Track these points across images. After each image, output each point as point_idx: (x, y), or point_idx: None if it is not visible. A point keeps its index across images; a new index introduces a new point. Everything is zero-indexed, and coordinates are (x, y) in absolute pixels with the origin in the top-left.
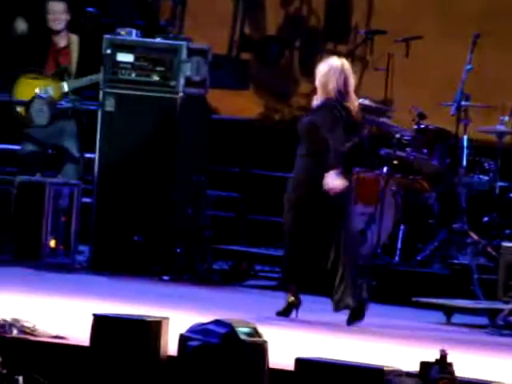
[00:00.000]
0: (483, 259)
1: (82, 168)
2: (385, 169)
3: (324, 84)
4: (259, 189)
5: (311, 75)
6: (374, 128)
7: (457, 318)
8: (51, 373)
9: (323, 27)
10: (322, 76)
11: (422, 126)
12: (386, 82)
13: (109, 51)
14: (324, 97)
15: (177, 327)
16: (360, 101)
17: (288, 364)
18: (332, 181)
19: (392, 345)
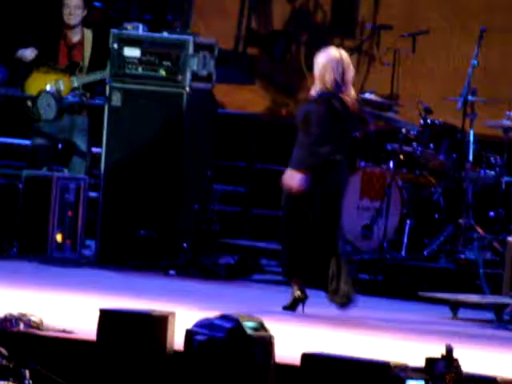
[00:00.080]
0: (489, 254)
1: (89, 163)
2: (391, 164)
3: (321, 75)
4: (265, 183)
5: None
6: (381, 123)
7: (463, 313)
8: (58, 367)
9: (330, 22)
10: (320, 66)
11: (429, 121)
12: (393, 77)
13: (115, 46)
14: (321, 88)
15: (183, 322)
16: (366, 95)
17: (294, 359)
18: (291, 179)
19: (398, 339)
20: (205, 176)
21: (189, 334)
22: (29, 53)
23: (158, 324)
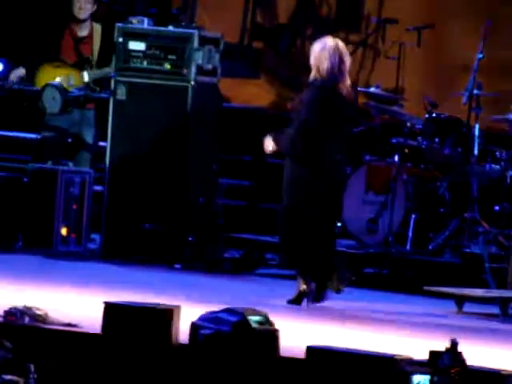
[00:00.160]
0: (494, 248)
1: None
2: (396, 157)
3: (317, 63)
4: (271, 177)
5: None
6: (386, 117)
7: (468, 307)
8: (62, 360)
9: (335, 15)
10: (316, 55)
11: (434, 115)
12: (398, 71)
13: (120, 39)
14: (315, 76)
15: (188, 315)
16: (371, 89)
17: (299, 352)
18: (266, 143)
19: (403, 333)
20: (210, 170)
21: (194, 328)
22: (15, 74)
23: (163, 317)
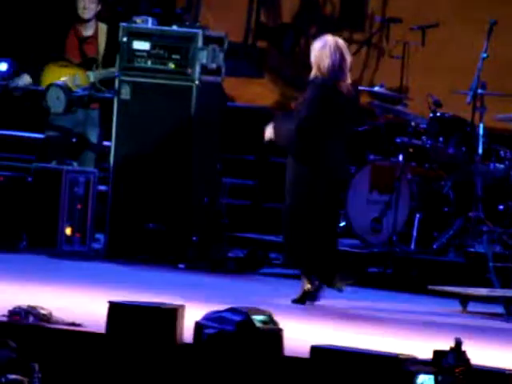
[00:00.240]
0: (499, 247)
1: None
2: (400, 157)
3: (317, 61)
4: (274, 177)
5: None
6: (390, 116)
7: (472, 306)
8: (66, 360)
9: (339, 15)
10: (316, 53)
11: (438, 114)
12: (402, 70)
13: (125, 39)
14: (315, 74)
15: (192, 315)
16: (376, 89)
17: (303, 352)
18: (267, 131)
19: (407, 333)
20: (214, 169)
21: (198, 327)
22: (22, 82)
23: (168, 317)
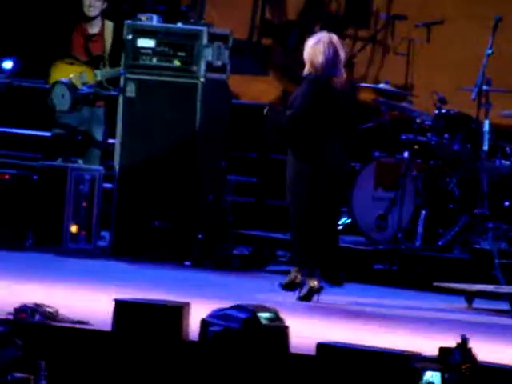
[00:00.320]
0: (504, 244)
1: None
2: (406, 154)
3: (310, 57)
4: (279, 174)
5: None
6: (395, 113)
7: (478, 303)
8: (73, 358)
9: (344, 12)
10: (309, 50)
11: (443, 111)
12: (407, 67)
13: (130, 37)
14: (309, 70)
15: (198, 312)
16: (381, 86)
17: (309, 349)
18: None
19: (413, 329)
20: (219, 167)
21: (204, 325)
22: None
23: (173, 314)
